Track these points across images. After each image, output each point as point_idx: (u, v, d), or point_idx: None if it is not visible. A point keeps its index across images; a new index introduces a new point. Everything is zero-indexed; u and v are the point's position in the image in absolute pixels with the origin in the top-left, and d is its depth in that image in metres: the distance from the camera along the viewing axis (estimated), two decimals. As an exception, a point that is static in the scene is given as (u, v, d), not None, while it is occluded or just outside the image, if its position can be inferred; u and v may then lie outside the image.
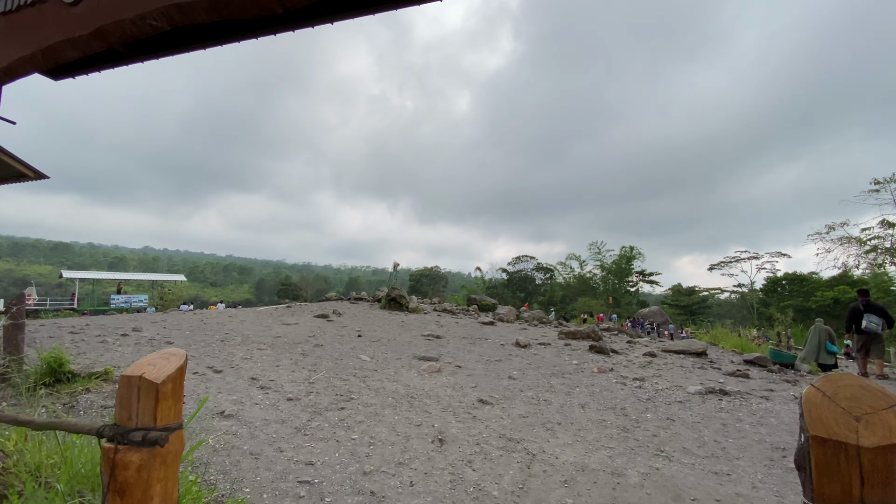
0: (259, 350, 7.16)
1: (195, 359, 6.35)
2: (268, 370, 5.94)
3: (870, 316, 7.02)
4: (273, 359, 6.62)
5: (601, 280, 62.19)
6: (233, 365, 6.11)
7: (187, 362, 3.10)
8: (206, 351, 6.88)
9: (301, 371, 5.99)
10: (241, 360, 6.45)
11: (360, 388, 5.31)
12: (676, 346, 8.33)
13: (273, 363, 6.34)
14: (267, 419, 4.24)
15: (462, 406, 4.78)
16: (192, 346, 7.24)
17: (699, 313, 58.91)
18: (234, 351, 6.98)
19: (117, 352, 6.51)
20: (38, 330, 7.80)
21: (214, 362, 6.20)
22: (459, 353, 7.59)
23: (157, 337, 7.68)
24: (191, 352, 6.84)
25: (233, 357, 6.57)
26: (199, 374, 5.61)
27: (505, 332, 10.67)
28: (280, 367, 6.18)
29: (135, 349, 6.74)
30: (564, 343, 8.88)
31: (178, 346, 7.23)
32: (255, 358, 6.61)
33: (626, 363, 7.33)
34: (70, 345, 6.61)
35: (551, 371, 6.54)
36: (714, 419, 4.72)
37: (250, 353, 6.94)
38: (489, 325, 11.60)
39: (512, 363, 6.98)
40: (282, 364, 6.32)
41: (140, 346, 7.00)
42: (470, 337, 9.33)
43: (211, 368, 5.87)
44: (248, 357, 6.62)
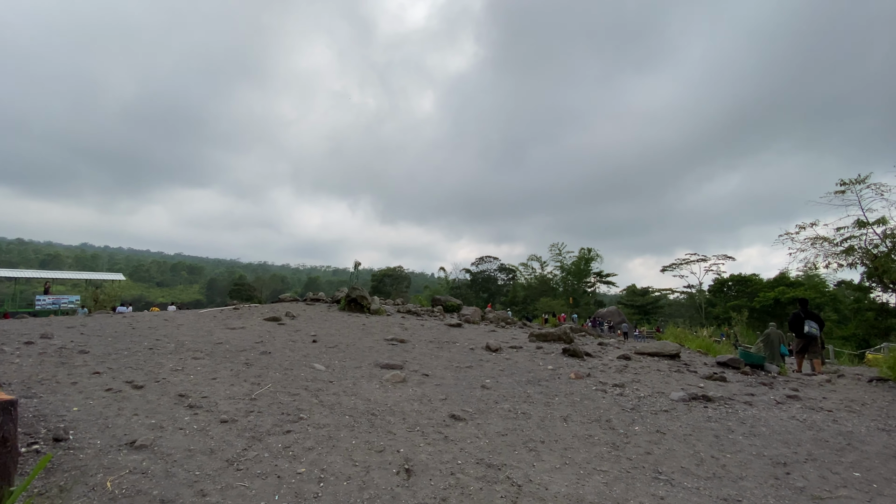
0: (194, 359, 6.20)
1: (112, 372, 5.35)
2: (202, 384, 5.05)
3: (810, 322, 8.24)
4: (210, 370, 5.71)
5: (561, 281, 63.43)
6: (159, 378, 5.17)
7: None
8: (128, 361, 5.85)
9: (242, 384, 5.14)
10: (171, 371, 5.50)
11: (311, 404, 4.55)
12: (650, 349, 8.07)
13: (209, 375, 5.44)
14: (191, 449, 3.43)
15: (431, 424, 4.14)
16: (113, 355, 6.17)
17: (652, 313, 61.30)
18: (163, 361, 5.99)
19: (13, 364, 5.38)
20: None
21: (136, 376, 5.23)
22: (426, 359, 6.95)
23: (69, 345, 6.52)
24: (109, 363, 5.79)
25: (160, 369, 5.60)
26: (114, 391, 4.66)
27: (473, 335, 10.13)
28: (217, 379, 5.30)
29: (37, 360, 5.62)
30: (536, 346, 8.42)
31: (95, 355, 6.15)
32: (189, 369, 5.67)
33: (603, 367, 6.95)
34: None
35: (527, 378, 6.02)
36: (705, 430, 4.34)
37: (183, 363, 5.98)
38: (456, 328, 11.02)
39: (484, 370, 6.41)
40: (220, 376, 5.43)
41: (45, 356, 5.86)
42: (437, 341, 8.70)
43: (130, 383, 4.92)
44: (179, 368, 5.67)
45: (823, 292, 42.11)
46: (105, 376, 5.20)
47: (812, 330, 8.18)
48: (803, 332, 8.32)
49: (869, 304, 34.33)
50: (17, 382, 4.77)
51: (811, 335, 8.21)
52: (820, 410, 5.27)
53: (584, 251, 64.37)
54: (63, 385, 4.65)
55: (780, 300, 38.90)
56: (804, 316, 8.35)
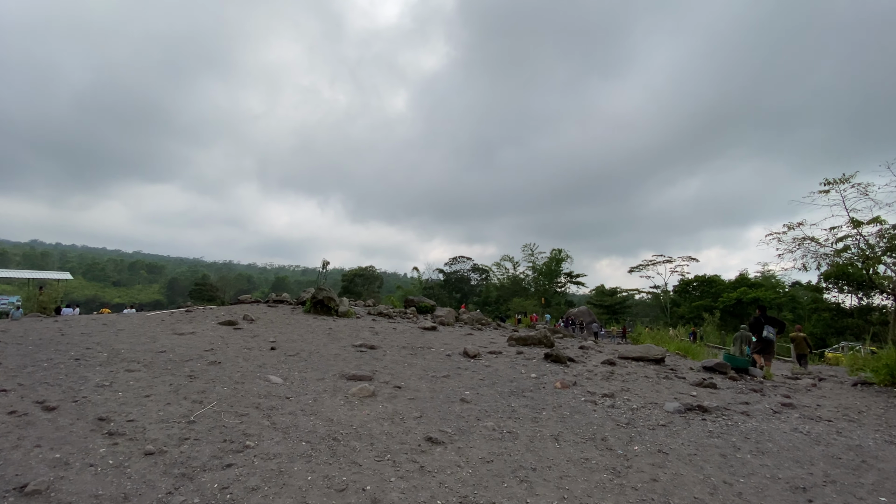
0: (128, 372, 5.35)
1: (22, 389, 4.47)
2: (130, 404, 4.26)
3: (768, 327, 9.16)
4: (144, 385, 4.89)
5: (533, 281, 63.86)
6: (78, 397, 4.33)
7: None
8: (45, 376, 4.95)
9: (180, 403, 4.37)
10: (95, 388, 4.65)
11: (261, 427, 3.85)
12: (634, 353, 7.72)
13: (142, 392, 4.63)
14: (99, 495, 2.70)
15: (404, 449, 3.53)
16: (28, 368, 5.24)
17: (620, 313, 62.57)
18: (88, 375, 5.11)
19: None
20: None
21: (50, 394, 4.37)
22: (398, 368, 6.31)
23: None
24: (22, 377, 4.88)
25: (83, 385, 4.74)
26: (18, 414, 3.82)
27: (449, 339, 9.55)
28: (151, 397, 4.51)
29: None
30: (517, 351, 7.92)
31: (6, 368, 5.19)
32: (118, 384, 4.84)
33: (588, 375, 6.50)
34: None
35: (510, 388, 5.49)
36: (709, 449, 3.91)
37: (113, 377, 5.12)
38: (431, 331, 10.41)
39: (462, 380, 5.84)
40: (155, 393, 4.63)
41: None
42: (410, 346, 8.07)
43: (41, 404, 4.07)
44: (106, 383, 4.83)
45: (780, 293, 43.96)
46: (12, 395, 4.32)
47: (769, 335, 9.10)
48: (762, 335, 9.27)
49: (825, 304, 35.98)
50: None
51: (768, 339, 9.15)
52: (819, 420, 4.97)
53: (556, 252, 65.02)
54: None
55: (742, 300, 40.26)
56: (764, 321, 9.27)
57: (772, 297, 40.11)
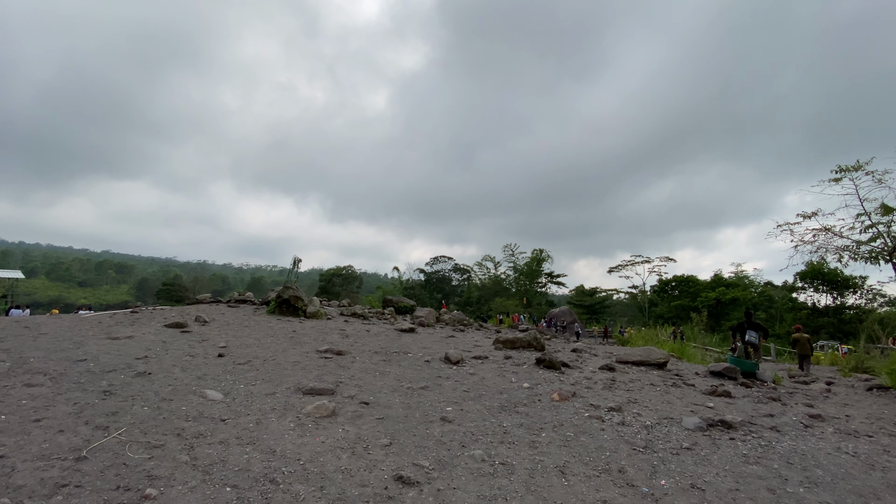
0: (27, 387, 4.27)
1: None
2: (11, 431, 3.23)
3: (751, 332, 9.24)
4: (42, 404, 3.84)
5: (514, 281, 63.53)
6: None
7: None
8: None
9: (78, 430, 3.36)
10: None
11: (175, 465, 2.89)
12: (633, 356, 6.99)
13: (34, 414, 3.59)
14: None
15: (366, 496, 2.63)
16: None
17: (600, 312, 62.84)
18: (-32, 392, 4.02)
19: None
20: None
21: None
22: (368, 378, 5.39)
23: None
24: None
25: (-47, 406, 3.66)
26: None
27: (429, 342, 8.65)
28: (43, 421, 3.47)
29: None
30: (504, 356, 7.08)
31: None
32: (6, 403, 3.77)
33: (587, 383, 5.70)
34: None
35: (499, 402, 4.64)
36: (752, 481, 3.14)
37: (4, 393, 4.04)
38: (409, 333, 9.50)
39: (443, 391, 4.96)
40: (51, 415, 3.60)
41: None
42: (384, 351, 7.14)
43: None
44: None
45: (753, 293, 44.66)
46: None
47: (752, 339, 9.26)
48: (745, 339, 9.47)
49: (800, 304, 36.54)
50: None
51: (752, 343, 9.30)
52: (858, 436, 4.30)
53: (537, 252, 64.83)
54: None
55: (721, 300, 40.64)
56: (748, 326, 9.50)
57: (749, 297, 40.59)
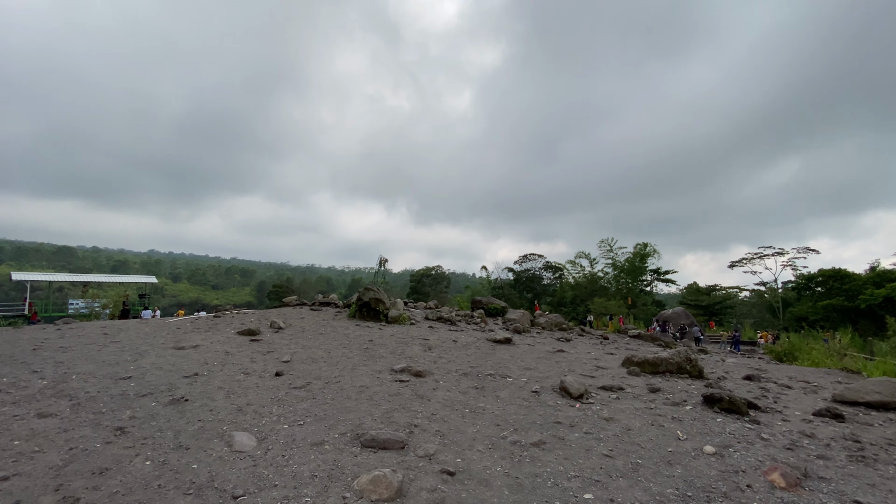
0: (36, 418, 3.45)
1: None
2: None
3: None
4: (31, 448, 2.90)
5: (613, 279, 58.24)
6: None
7: None
8: None
9: (42, 498, 2.25)
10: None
11: None
12: (868, 394, 4.47)
13: (9, 467, 2.61)
14: None
15: None
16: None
17: (720, 314, 54.75)
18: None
19: None
20: None
21: None
22: (454, 418, 3.82)
23: None
24: None
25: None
26: None
27: (531, 358, 6.87)
28: (11, 480, 2.46)
29: None
30: (647, 386, 5.01)
31: None
32: (3, 438, 2.90)
33: (815, 448, 3.46)
34: None
35: (674, 487, 2.74)
36: None
37: (4, 427, 3.23)
38: (505, 345, 7.81)
39: (571, 454, 3.19)
40: (26, 469, 2.59)
41: None
42: (476, 372, 5.55)
43: None
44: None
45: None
46: None
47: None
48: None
49: None
50: None
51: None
52: None
53: (640, 247, 58.69)
54: None
55: (891, 297, 32.34)
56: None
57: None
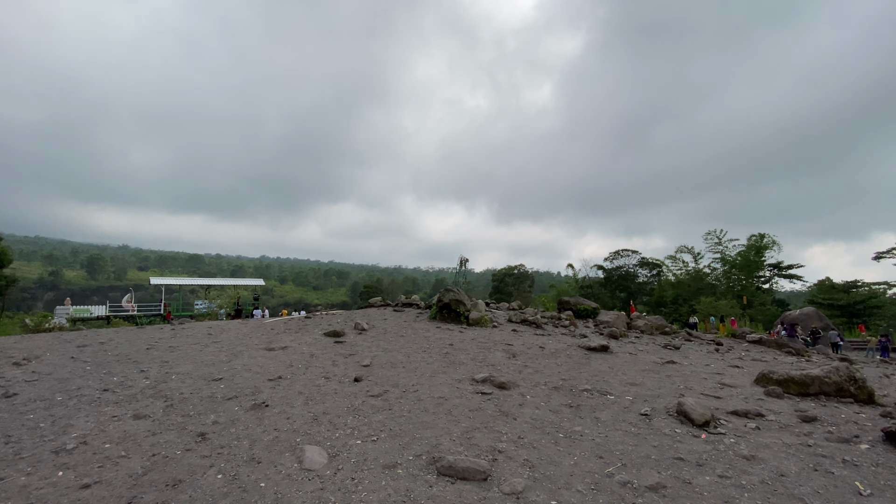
0: (132, 419, 3.59)
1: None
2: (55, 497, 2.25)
3: None
4: (118, 453, 2.96)
5: (723, 276, 51.84)
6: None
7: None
8: (28, 420, 3.49)
9: None
10: (52, 453, 2.90)
11: None
12: None
13: (95, 472, 2.65)
14: None
15: None
16: (41, 403, 3.92)
17: (862, 315, 45.97)
18: (75, 421, 3.49)
19: None
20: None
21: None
22: (546, 444, 3.27)
23: (4, 380, 4.48)
24: (17, 423, 3.49)
25: (41, 443, 3.04)
26: None
27: (634, 371, 5.99)
28: (92, 488, 2.47)
29: None
30: (796, 412, 3.96)
31: (29, 399, 3.99)
32: (88, 449, 3.02)
33: None
34: None
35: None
36: None
37: (103, 427, 3.40)
38: (600, 353, 6.97)
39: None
40: (108, 477, 2.60)
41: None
42: (569, 386, 4.90)
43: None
44: (70, 445, 3.05)
45: None
46: None
47: None
48: None
49: None
50: None
51: None
52: None
53: (756, 238, 51.64)
54: None
55: None
56: None
57: None
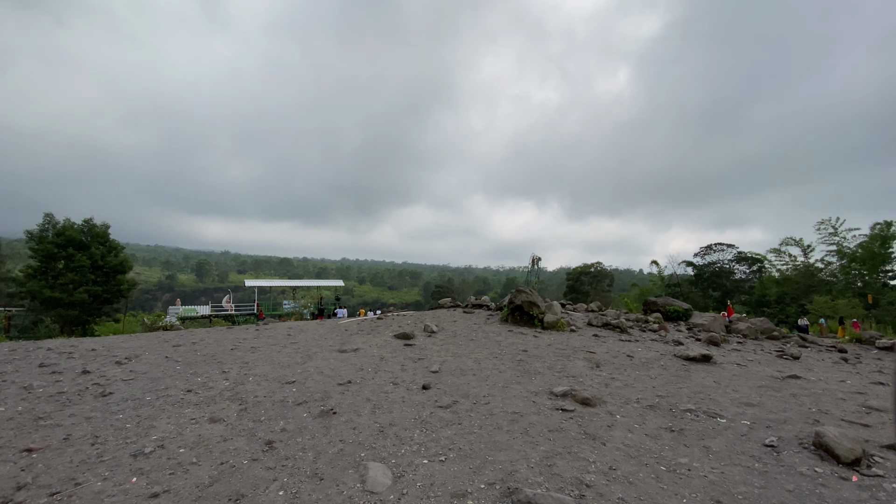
0: (208, 422, 3.64)
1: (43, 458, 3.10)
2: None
3: None
4: (188, 459, 2.96)
5: (840, 271, 44.90)
6: (56, 484, 2.62)
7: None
8: (117, 420, 3.67)
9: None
10: (131, 456, 2.98)
11: None
12: None
13: (166, 479, 2.64)
14: None
15: None
16: (131, 402, 4.15)
17: None
18: (157, 423, 3.60)
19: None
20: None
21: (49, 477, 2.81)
22: (641, 480, 2.73)
23: (105, 379, 4.85)
24: (107, 422, 3.71)
25: (123, 444, 3.15)
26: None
27: (749, 389, 5.08)
28: (160, 497, 2.45)
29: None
30: None
31: (122, 398, 4.27)
32: (164, 454, 3.06)
33: None
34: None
35: None
36: None
37: (181, 430, 3.46)
38: (701, 364, 6.07)
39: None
40: (177, 486, 2.57)
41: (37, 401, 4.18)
42: (665, 406, 4.22)
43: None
44: (149, 449, 3.12)
45: None
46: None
47: None
48: None
49: None
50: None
51: None
52: None
53: (881, 226, 44.22)
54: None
55: None
56: None
57: None
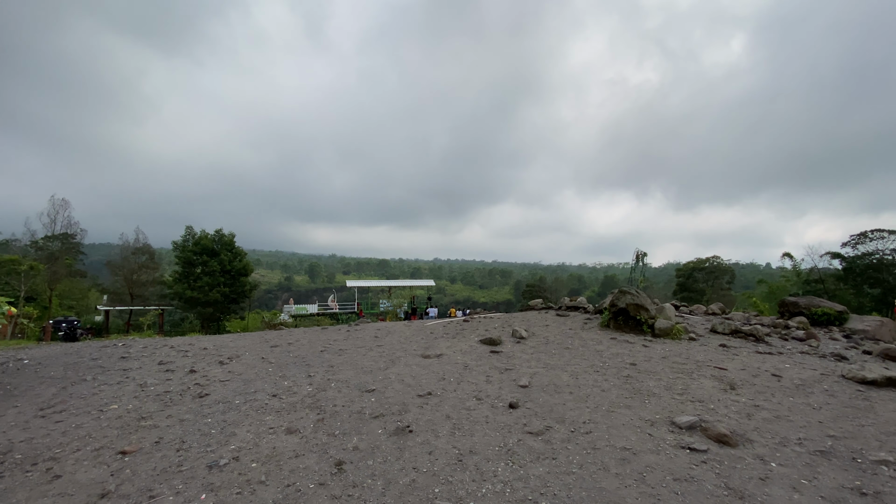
0: (284, 433, 3.51)
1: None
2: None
3: None
4: (256, 477, 2.80)
5: None
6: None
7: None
8: (205, 424, 3.72)
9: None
10: (207, 470, 2.91)
11: None
12: None
13: (223, 498, 2.49)
14: None
15: None
16: (221, 406, 4.25)
17: None
18: (238, 431, 3.56)
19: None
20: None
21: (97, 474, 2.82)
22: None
23: (206, 379, 5.07)
24: (196, 427, 3.81)
25: (202, 452, 3.11)
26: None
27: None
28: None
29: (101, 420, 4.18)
30: None
31: (215, 400, 4.41)
32: (231, 468, 2.94)
33: None
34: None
35: None
36: None
37: (257, 441, 3.37)
38: (885, 390, 4.60)
39: None
40: (260, 492, 2.39)
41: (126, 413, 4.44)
42: (842, 451, 3.14)
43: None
44: (223, 461, 3.03)
45: None
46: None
47: None
48: None
49: None
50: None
51: None
52: None
53: None
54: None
55: None
56: None
57: None
